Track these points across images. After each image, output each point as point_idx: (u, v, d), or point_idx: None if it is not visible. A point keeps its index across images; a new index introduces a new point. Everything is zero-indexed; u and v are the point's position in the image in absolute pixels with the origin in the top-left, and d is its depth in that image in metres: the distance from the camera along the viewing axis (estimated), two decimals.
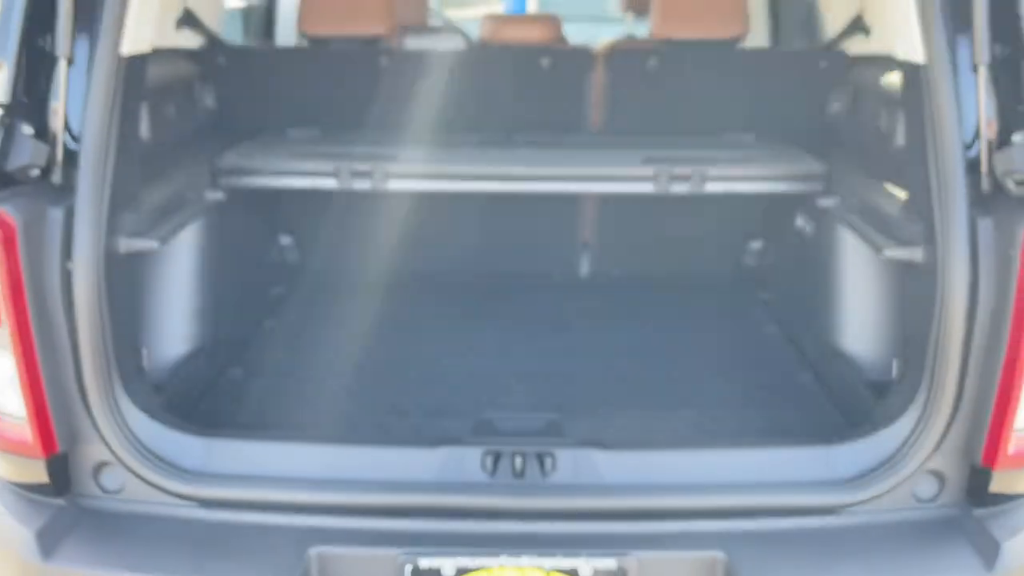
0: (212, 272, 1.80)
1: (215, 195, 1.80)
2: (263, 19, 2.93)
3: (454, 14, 4.47)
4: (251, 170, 1.88)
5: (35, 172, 1.37)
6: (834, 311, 1.82)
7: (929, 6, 1.42)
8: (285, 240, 2.21)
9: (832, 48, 2.12)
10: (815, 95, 2.12)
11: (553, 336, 1.99)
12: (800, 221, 2.02)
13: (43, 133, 1.39)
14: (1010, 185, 1.37)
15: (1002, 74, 1.41)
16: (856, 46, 1.97)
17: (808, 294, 1.92)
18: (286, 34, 3.06)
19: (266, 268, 2.21)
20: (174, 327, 1.68)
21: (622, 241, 2.30)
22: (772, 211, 2.13)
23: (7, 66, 1.37)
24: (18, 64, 1.36)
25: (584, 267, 2.24)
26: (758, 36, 3.00)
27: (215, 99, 2.02)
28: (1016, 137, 1.38)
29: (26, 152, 1.36)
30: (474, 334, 1.96)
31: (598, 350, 1.93)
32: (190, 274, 1.73)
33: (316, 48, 2.14)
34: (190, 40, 1.99)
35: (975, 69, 1.38)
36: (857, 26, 1.95)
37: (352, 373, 1.86)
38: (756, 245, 2.26)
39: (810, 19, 2.35)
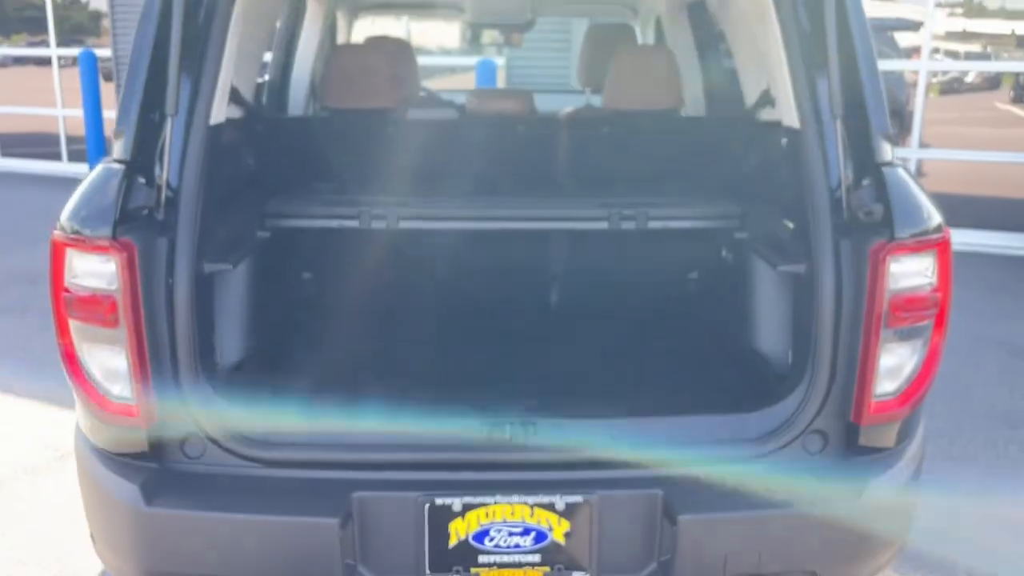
0: (257, 295, 2.25)
1: (263, 234, 2.26)
2: (278, 92, 3.43)
3: (436, 85, 5.03)
4: (291, 214, 2.34)
5: (146, 211, 1.84)
6: (750, 319, 2.31)
7: (799, 86, 1.95)
8: (306, 275, 2.67)
9: (748, 116, 2.65)
10: (734, 153, 2.65)
11: (529, 345, 2.46)
12: (724, 252, 2.53)
13: (151, 182, 1.86)
14: (861, 216, 1.89)
15: (855, 137, 1.94)
16: (764, 115, 2.49)
17: (732, 308, 2.42)
18: (295, 104, 3.57)
19: (293, 295, 2.65)
20: (233, 334, 2.12)
21: (585, 274, 2.80)
22: (703, 246, 2.64)
23: (128, 133, 1.85)
24: (136, 132, 1.84)
25: (553, 296, 2.73)
26: (697, 106, 3.58)
27: (254, 158, 2.49)
28: (864, 182, 1.91)
29: (141, 196, 1.82)
30: (467, 343, 2.42)
31: (567, 354, 2.40)
32: (243, 296, 2.18)
33: (335, 117, 2.64)
34: (235, 112, 2.47)
35: (833, 133, 1.91)
36: (765, 99, 2.48)
37: (371, 375, 2.31)
38: (693, 275, 2.76)
39: (734, 94, 2.89)
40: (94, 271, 1.79)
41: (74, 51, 10.69)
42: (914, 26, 8.66)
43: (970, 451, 3.67)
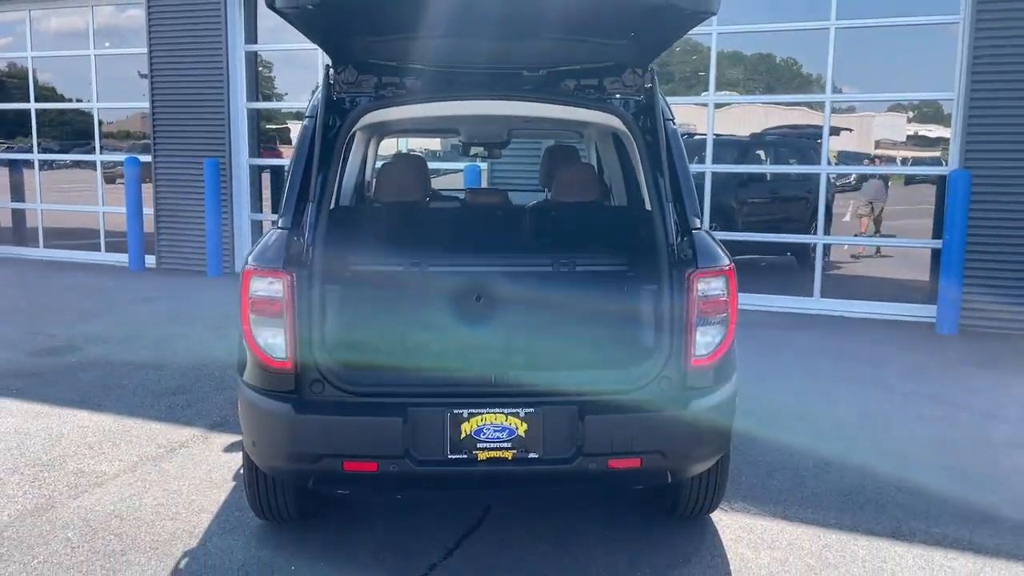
0: (345, 305, 3.74)
1: (347, 273, 3.77)
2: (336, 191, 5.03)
3: (436, 183, 6.73)
4: (364, 263, 3.84)
5: (297, 255, 3.36)
6: (634, 316, 3.79)
7: (650, 188, 3.54)
8: (372, 296, 4.11)
9: (640, 205, 4.23)
10: (628, 227, 4.21)
11: (506, 334, 3.83)
12: (622, 286, 4.05)
13: (300, 239, 3.39)
14: (682, 256, 3.45)
15: (679, 215, 3.52)
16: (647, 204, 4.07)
17: (624, 312, 3.87)
18: (344, 197, 5.17)
19: (364, 307, 4.05)
20: (334, 327, 3.60)
21: (539, 296, 4.26)
22: (609, 280, 4.11)
23: (288, 213, 3.40)
24: (293, 212, 3.39)
25: (522, 308, 4.18)
26: (621, 198, 5.20)
27: (335, 230, 4.00)
28: (684, 239, 3.47)
29: (295, 248, 3.36)
30: (470, 332, 3.82)
31: (529, 340, 3.81)
32: (339, 306, 3.66)
33: (384, 207, 4.19)
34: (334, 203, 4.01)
35: (669, 213, 3.49)
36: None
37: (413, 347, 3.71)
38: (602, 299, 4.25)
39: (638, 191, 4.47)
40: (267, 288, 3.31)
41: (117, 157, 12.38)
42: (836, 132, 10.42)
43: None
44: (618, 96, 3.67)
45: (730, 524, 4.08)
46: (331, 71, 3.60)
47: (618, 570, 3.63)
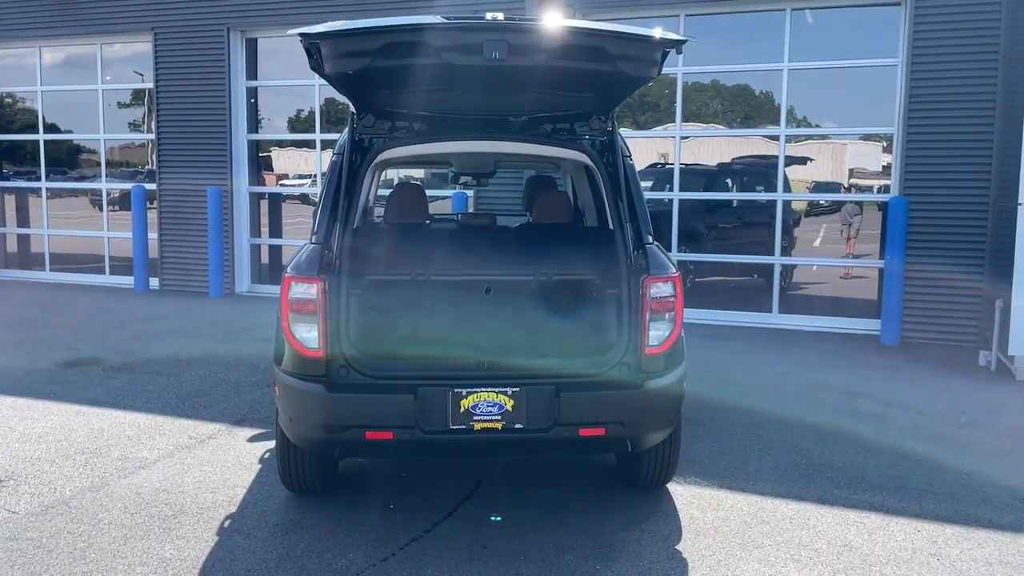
0: (363, 306, 4.52)
1: (366, 280, 4.56)
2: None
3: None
4: (379, 272, 4.63)
5: (329, 264, 4.15)
6: (600, 315, 4.58)
7: (612, 210, 4.37)
8: (378, 306, 4.93)
9: (605, 225, 5.06)
10: (596, 243, 5.03)
11: (496, 327, 4.61)
12: (591, 291, 4.87)
13: (331, 251, 4.18)
14: (639, 266, 4.26)
15: (634, 233, 4.35)
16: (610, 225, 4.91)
17: (593, 312, 4.68)
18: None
19: (377, 308, 4.84)
20: (354, 325, 4.38)
21: (522, 301, 5.07)
22: (581, 288, 4.93)
23: (322, 230, 4.20)
24: (326, 229, 4.19)
25: (508, 309, 4.98)
26: (592, 221, 6.04)
27: (357, 245, 4.78)
28: (639, 252, 4.29)
29: (327, 259, 4.14)
30: (466, 326, 4.59)
31: (516, 333, 4.60)
32: (358, 305, 4.43)
33: (393, 227, 5.01)
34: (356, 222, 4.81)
35: (626, 231, 4.31)
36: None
37: (422, 339, 4.49)
38: (576, 302, 5.07)
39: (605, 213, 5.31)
40: (304, 291, 4.09)
41: (124, 185, 13.11)
42: (802, 161, 11.33)
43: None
44: (586, 137, 4.53)
45: (683, 493, 4.88)
46: (355, 117, 4.43)
47: (588, 525, 4.41)
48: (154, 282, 12.52)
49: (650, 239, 4.33)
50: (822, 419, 6.36)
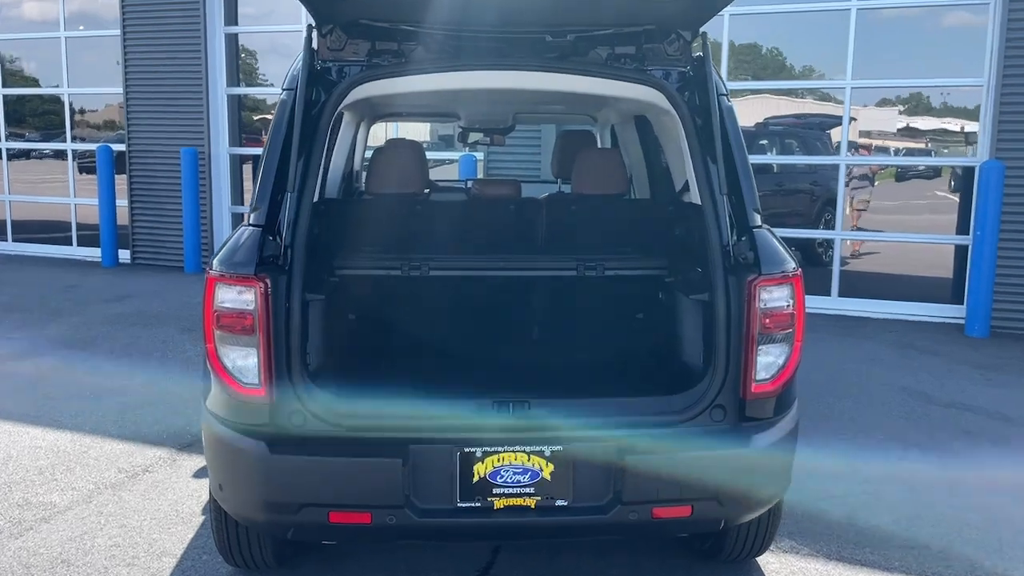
0: (331, 319, 3.14)
1: (333, 279, 3.17)
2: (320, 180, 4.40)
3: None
4: (353, 266, 3.25)
5: (273, 258, 2.75)
6: (675, 331, 3.24)
7: (700, 177, 2.95)
8: (359, 311, 3.56)
9: (675, 198, 3.65)
10: (665, 223, 3.63)
11: (522, 353, 3.33)
12: (659, 292, 3.48)
13: (276, 240, 2.78)
14: (740, 260, 2.86)
15: (735, 209, 2.93)
16: (686, 197, 3.49)
17: (663, 324, 3.35)
18: (331, 189, 4.55)
19: (354, 321, 3.52)
20: (317, 345, 3.00)
21: (559, 307, 3.71)
22: (644, 289, 3.58)
23: (263, 207, 2.79)
24: (268, 207, 2.78)
25: (538, 320, 3.64)
26: (643, 190, 4.61)
27: (319, 227, 3.40)
28: (742, 238, 2.89)
29: (270, 249, 2.74)
30: (479, 352, 3.30)
31: (548, 361, 3.29)
32: (323, 318, 3.07)
33: (379, 199, 3.59)
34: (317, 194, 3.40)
35: (722, 207, 2.89)
36: (685, 187, 3.48)
37: (415, 369, 3.16)
38: (637, 309, 3.70)
39: (668, 182, 3.89)
40: (236, 298, 2.69)
41: (90, 146, 11.69)
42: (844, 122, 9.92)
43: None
44: (661, 67, 3.06)
45: (776, 567, 3.51)
46: (315, 33, 2.98)
47: None
48: (125, 255, 11.16)
49: (758, 219, 2.91)
50: (930, 441, 4.99)
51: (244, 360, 2.71)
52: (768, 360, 2.83)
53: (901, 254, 9.31)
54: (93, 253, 11.49)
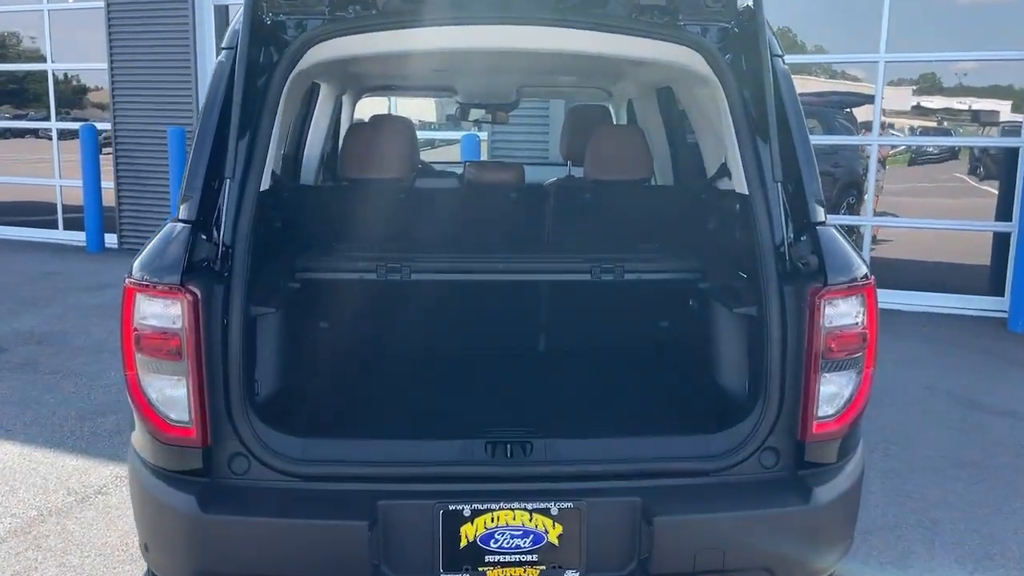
0: (289, 337, 2.58)
1: (294, 285, 2.60)
2: (292, 165, 3.79)
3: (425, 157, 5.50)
4: (318, 268, 2.69)
5: (207, 263, 2.18)
6: (713, 354, 2.66)
7: (747, 159, 2.35)
8: (332, 319, 2.99)
9: (709, 185, 3.05)
10: (697, 216, 3.04)
11: (524, 378, 2.78)
12: (691, 301, 2.90)
13: (211, 239, 2.20)
14: (800, 266, 2.27)
15: (793, 201, 2.33)
16: (722, 184, 2.89)
17: (697, 345, 2.77)
18: (307, 175, 3.96)
19: (319, 337, 2.96)
20: (270, 369, 2.44)
21: (570, 319, 3.14)
22: (672, 295, 3.00)
23: (193, 198, 2.21)
24: (200, 198, 2.19)
25: (543, 336, 3.08)
26: (665, 176, 4.00)
27: (280, 221, 2.83)
28: (802, 238, 2.30)
29: (203, 251, 2.17)
30: (471, 377, 2.75)
31: (556, 386, 2.73)
32: (278, 337, 2.50)
33: (353, 186, 3.01)
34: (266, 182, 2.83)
35: (776, 197, 2.30)
36: (723, 171, 2.87)
37: (389, 404, 2.61)
38: (664, 318, 3.12)
39: (697, 166, 3.30)
40: (161, 313, 2.12)
41: (74, 125, 11.11)
42: (869, 100, 9.27)
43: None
44: (699, 21, 2.44)
45: None
46: None
47: None
48: (111, 239, 10.62)
49: (821, 213, 2.31)
50: (985, 460, 4.40)
51: (172, 391, 2.15)
52: (832, 391, 2.25)
53: (914, 240, 8.67)
54: (79, 237, 10.94)
